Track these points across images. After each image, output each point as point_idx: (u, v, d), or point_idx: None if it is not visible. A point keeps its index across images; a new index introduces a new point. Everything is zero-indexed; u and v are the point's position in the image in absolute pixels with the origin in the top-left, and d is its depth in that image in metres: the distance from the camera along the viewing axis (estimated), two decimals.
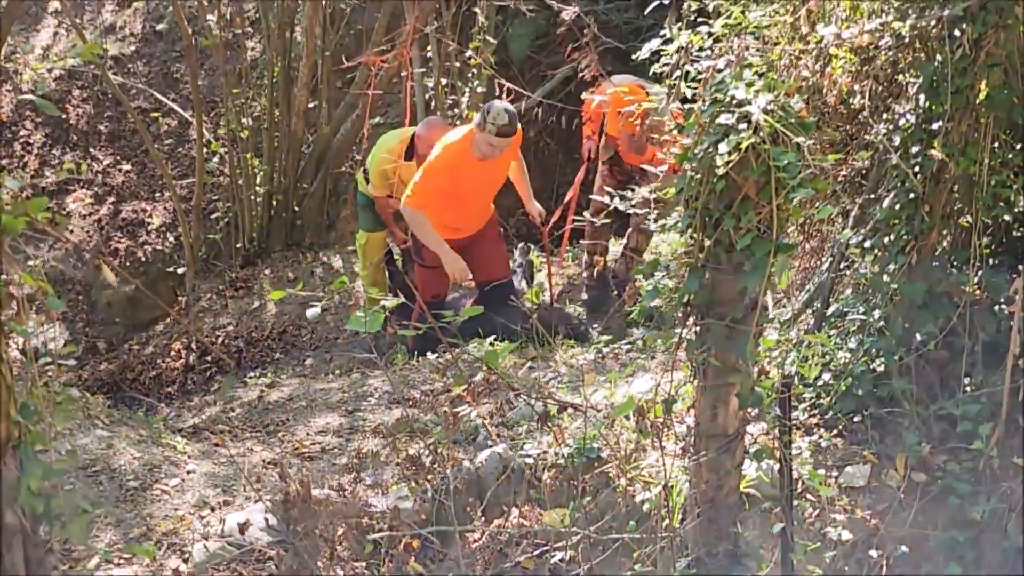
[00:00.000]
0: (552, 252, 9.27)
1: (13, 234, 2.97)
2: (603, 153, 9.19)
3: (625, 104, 7.95)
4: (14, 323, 3.07)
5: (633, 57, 6.68)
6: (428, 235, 8.28)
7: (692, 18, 6.64)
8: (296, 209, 11.82)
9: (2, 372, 2.99)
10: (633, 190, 7.79)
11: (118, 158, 13.89)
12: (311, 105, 11.64)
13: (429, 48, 11.49)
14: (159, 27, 14.90)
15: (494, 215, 8.75)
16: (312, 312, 4.37)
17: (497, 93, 9.22)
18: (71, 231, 12.98)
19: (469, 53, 10.99)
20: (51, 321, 10.82)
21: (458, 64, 11.36)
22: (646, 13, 7.10)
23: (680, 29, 6.31)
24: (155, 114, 13.86)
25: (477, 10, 11.25)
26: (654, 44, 6.49)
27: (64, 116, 14.02)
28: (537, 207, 8.93)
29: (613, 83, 8.39)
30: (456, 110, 11.13)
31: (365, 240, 9.64)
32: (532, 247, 9.28)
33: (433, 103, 11.26)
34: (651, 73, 7.05)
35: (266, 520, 4.98)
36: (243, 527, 4.99)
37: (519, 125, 8.13)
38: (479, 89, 10.97)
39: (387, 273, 9.67)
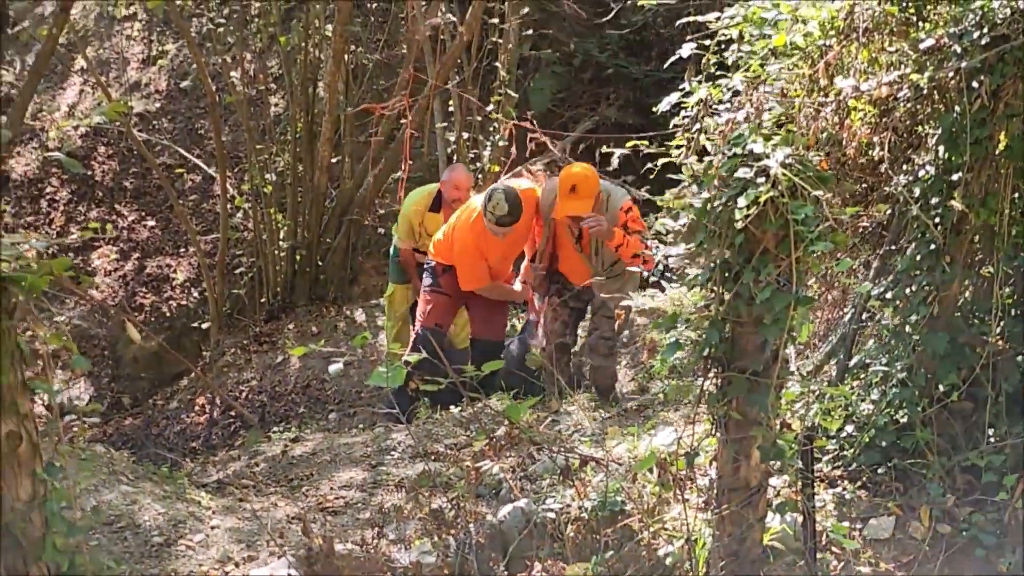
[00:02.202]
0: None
1: (37, 293, 3.01)
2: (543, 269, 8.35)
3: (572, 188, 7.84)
4: (39, 381, 3.09)
5: (653, 109, 6.73)
6: (506, 293, 8.75)
7: (712, 71, 6.67)
8: (319, 263, 11.87)
9: (27, 430, 3.02)
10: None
11: (143, 214, 14.01)
12: (334, 160, 11.71)
13: (451, 102, 11.58)
14: (183, 84, 15.05)
15: (511, 275, 8.81)
16: (334, 368, 4.40)
17: (529, 147, 9.21)
18: (97, 287, 13.07)
19: (490, 107, 11.06)
20: (76, 378, 10.87)
21: (479, 118, 11.43)
22: (666, 66, 7.12)
23: (700, 82, 6.35)
24: (179, 170, 13.97)
25: (498, 64, 11.33)
26: (674, 97, 6.54)
27: (89, 173, 14.15)
28: (527, 275, 8.86)
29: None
30: (478, 164, 11.20)
31: (392, 291, 9.73)
32: None
33: (455, 157, 11.32)
34: (671, 125, 7.09)
35: None
36: None
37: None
38: (500, 143, 11.03)
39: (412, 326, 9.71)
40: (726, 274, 3.98)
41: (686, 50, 6.50)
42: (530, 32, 12.50)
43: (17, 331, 3.01)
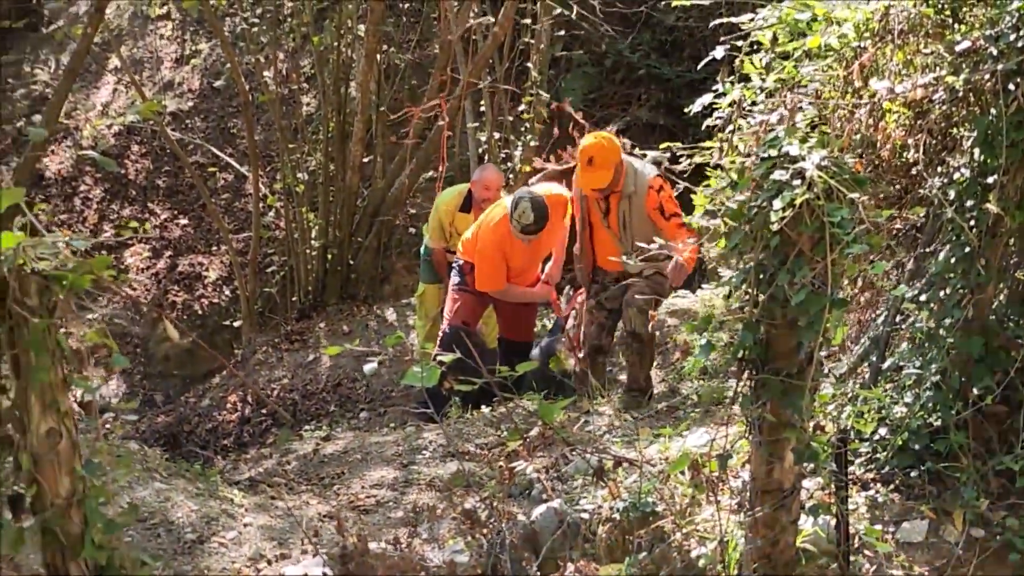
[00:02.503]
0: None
1: (78, 291, 3.03)
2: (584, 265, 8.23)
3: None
4: (78, 379, 3.12)
5: (685, 110, 6.72)
6: (524, 296, 8.74)
7: (745, 72, 6.65)
8: (351, 262, 11.92)
9: (67, 427, 3.04)
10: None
11: (175, 212, 14.09)
12: (366, 159, 11.75)
13: (483, 102, 11.60)
14: (216, 83, 15.13)
15: (537, 276, 8.81)
16: (369, 368, 4.42)
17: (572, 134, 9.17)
18: (132, 286, 13.16)
19: (522, 107, 11.08)
20: (110, 376, 10.93)
21: (511, 118, 11.45)
22: (699, 68, 7.12)
23: (733, 83, 6.34)
24: (212, 169, 14.05)
25: (530, 65, 11.34)
26: (707, 98, 6.53)
27: (123, 171, 14.24)
28: (552, 276, 8.85)
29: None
30: (509, 164, 11.21)
31: (422, 291, 9.77)
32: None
33: (486, 157, 11.34)
34: (703, 127, 7.08)
35: (324, 575, 4.99)
36: None
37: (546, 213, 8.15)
38: (532, 143, 11.05)
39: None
40: (760, 276, 3.97)
41: (719, 51, 6.49)
42: (562, 33, 12.52)
43: (58, 330, 3.03)
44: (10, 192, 3.02)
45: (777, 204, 3.81)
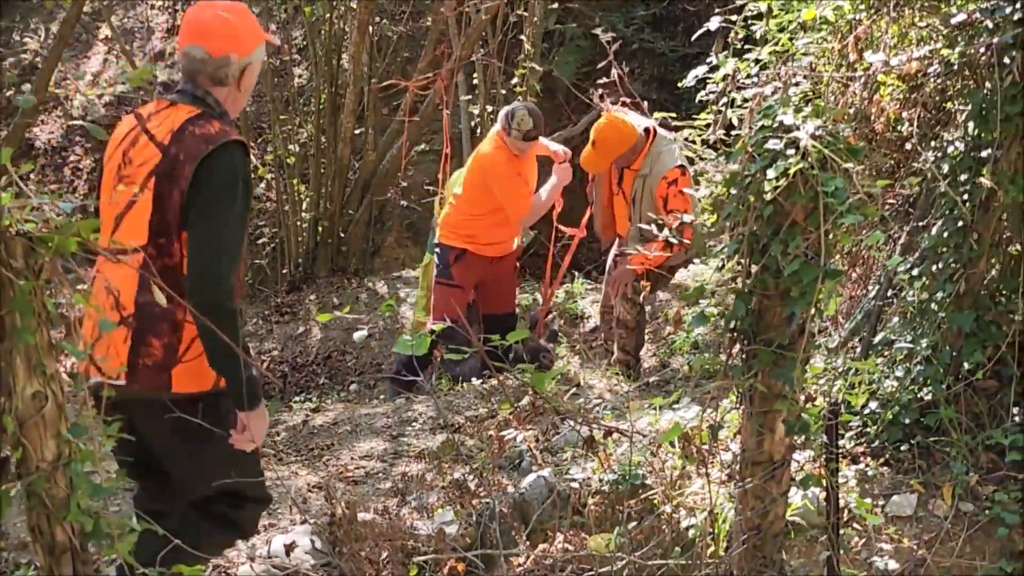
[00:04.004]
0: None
1: (65, 255, 3.00)
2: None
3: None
4: (66, 343, 3.09)
5: (678, 84, 6.69)
6: (551, 192, 8.35)
7: (739, 46, 6.63)
8: (342, 235, 11.87)
9: (53, 391, 3.01)
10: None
11: None
12: (357, 132, 11.70)
13: (475, 75, 11.56)
14: None
15: (516, 249, 8.69)
16: (359, 335, 4.41)
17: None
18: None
19: (515, 80, 11.03)
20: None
21: (504, 91, 11.41)
22: (692, 40, 7.09)
23: (727, 56, 6.31)
24: None
25: (523, 37, 11.30)
26: (700, 71, 6.50)
27: None
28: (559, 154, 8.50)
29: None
30: None
31: (428, 261, 9.71)
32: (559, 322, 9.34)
33: (479, 130, 11.30)
34: (696, 100, 7.05)
35: (312, 542, 4.98)
36: (289, 548, 5.00)
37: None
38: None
39: None
40: (753, 246, 3.95)
41: (714, 23, 6.47)
42: (555, 6, 12.47)
43: (44, 292, 3.01)
44: None
45: (771, 173, 3.79)
